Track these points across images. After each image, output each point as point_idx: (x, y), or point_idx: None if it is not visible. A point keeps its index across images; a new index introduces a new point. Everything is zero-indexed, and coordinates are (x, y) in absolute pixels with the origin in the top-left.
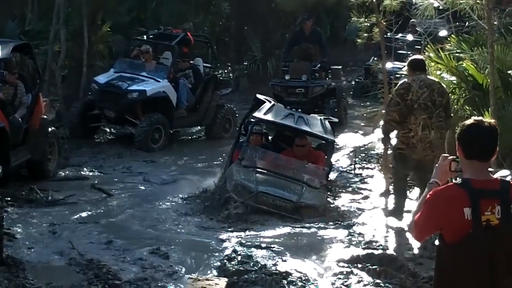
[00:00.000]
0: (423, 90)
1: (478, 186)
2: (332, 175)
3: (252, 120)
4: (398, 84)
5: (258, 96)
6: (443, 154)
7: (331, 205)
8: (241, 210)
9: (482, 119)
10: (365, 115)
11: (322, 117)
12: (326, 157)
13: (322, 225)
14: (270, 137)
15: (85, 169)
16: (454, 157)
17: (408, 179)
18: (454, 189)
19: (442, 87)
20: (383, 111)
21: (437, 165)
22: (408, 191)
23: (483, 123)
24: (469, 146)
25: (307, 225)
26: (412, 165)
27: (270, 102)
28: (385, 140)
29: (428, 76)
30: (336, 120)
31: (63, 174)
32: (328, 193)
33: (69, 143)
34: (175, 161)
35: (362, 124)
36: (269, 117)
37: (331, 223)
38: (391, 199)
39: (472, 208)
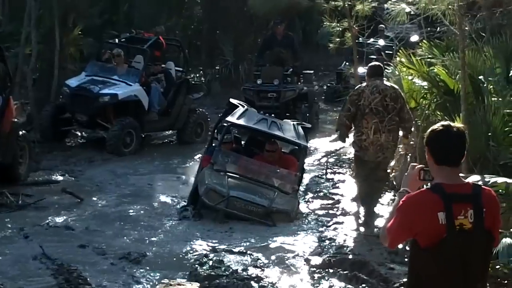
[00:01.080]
0: (375, 96)
1: (450, 191)
2: (304, 180)
3: (225, 124)
4: (353, 90)
5: (232, 100)
6: (411, 164)
7: (303, 210)
8: (213, 215)
9: (450, 123)
10: (337, 119)
11: (295, 123)
12: (298, 162)
13: (294, 230)
14: (243, 142)
15: (56, 173)
16: (423, 166)
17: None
18: (427, 195)
19: (396, 92)
20: None
21: (406, 174)
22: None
23: (452, 128)
24: (439, 151)
25: (279, 230)
26: (368, 167)
27: (243, 106)
28: (341, 139)
29: (384, 82)
30: (309, 125)
31: (34, 178)
32: (300, 198)
33: (40, 147)
34: (146, 165)
35: (334, 128)
36: (242, 121)
37: (302, 228)
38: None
39: (446, 212)
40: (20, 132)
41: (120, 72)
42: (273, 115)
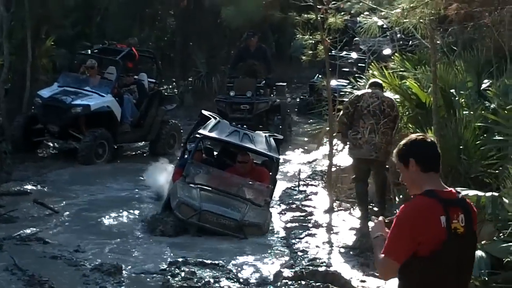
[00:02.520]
0: (374, 99)
1: (444, 196)
2: (277, 192)
3: (197, 136)
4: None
5: (204, 112)
6: (372, 216)
7: (275, 222)
8: (184, 227)
9: (425, 134)
10: (309, 132)
11: (267, 134)
12: (270, 174)
13: (266, 243)
14: (215, 153)
15: (28, 183)
16: (380, 218)
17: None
18: (426, 199)
19: (393, 102)
20: (327, 128)
21: (372, 226)
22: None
23: (428, 138)
24: (426, 159)
25: (251, 242)
26: (364, 169)
27: (215, 118)
28: (343, 140)
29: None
30: (281, 137)
31: (5, 188)
32: (272, 210)
33: (11, 158)
34: (119, 177)
35: (307, 140)
36: (214, 134)
37: (274, 240)
38: (335, 216)
39: (446, 216)
40: None
41: (93, 83)
42: (245, 126)
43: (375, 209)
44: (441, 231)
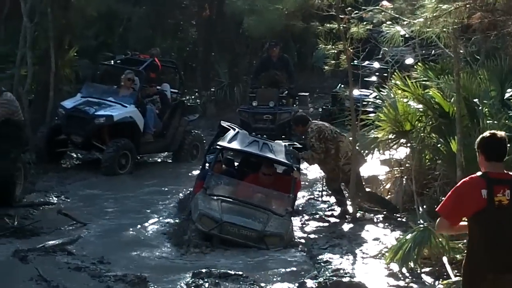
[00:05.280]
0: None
1: (493, 176)
2: (300, 202)
3: (216, 148)
4: (311, 133)
5: (222, 123)
6: None
7: (298, 233)
8: (207, 239)
9: (496, 131)
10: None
11: (286, 143)
12: (291, 183)
13: (289, 253)
14: (236, 164)
15: (51, 194)
16: None
17: None
18: (474, 177)
19: None
20: (350, 138)
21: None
22: None
23: (497, 134)
24: (488, 151)
25: (274, 253)
26: None
27: (234, 129)
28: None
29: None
30: (301, 146)
31: (29, 199)
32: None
33: (35, 168)
34: (142, 187)
35: None
36: (233, 144)
37: (297, 250)
38: (358, 226)
39: (488, 190)
40: None
41: (122, 94)
42: (265, 136)
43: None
44: (480, 200)
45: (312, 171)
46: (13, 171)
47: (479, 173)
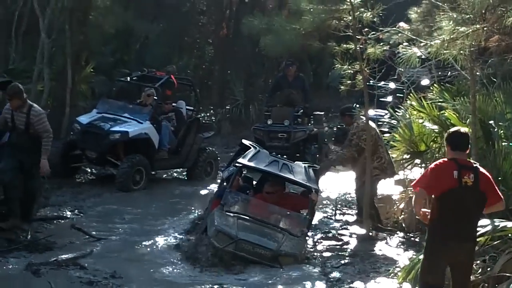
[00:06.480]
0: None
1: (461, 162)
2: (313, 221)
3: (236, 165)
4: (355, 129)
5: (244, 141)
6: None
7: (311, 251)
8: (222, 256)
9: (459, 127)
10: None
11: (306, 165)
12: (309, 204)
13: (302, 271)
14: (254, 182)
15: (65, 209)
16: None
17: None
18: (448, 161)
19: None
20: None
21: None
22: None
23: (461, 130)
24: (453, 142)
25: (287, 271)
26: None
27: (255, 148)
28: (325, 170)
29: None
30: (317, 167)
31: (43, 214)
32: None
33: (49, 183)
34: (156, 203)
35: (343, 169)
36: (253, 163)
37: (311, 269)
38: (371, 245)
39: (458, 171)
40: None
41: (144, 111)
42: (285, 156)
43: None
44: (453, 179)
45: (327, 190)
46: (40, 189)
47: (449, 157)
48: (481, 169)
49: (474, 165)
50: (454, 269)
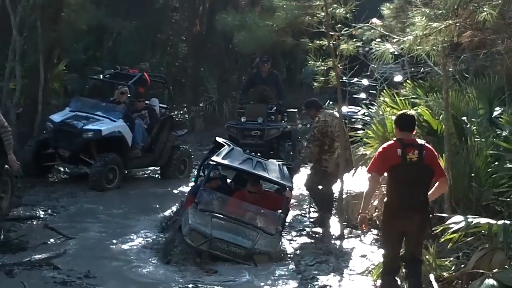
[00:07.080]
0: (336, 121)
1: (406, 141)
2: (287, 218)
3: (210, 163)
4: (316, 123)
5: (217, 139)
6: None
7: (285, 249)
8: (195, 255)
9: (406, 111)
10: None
11: (280, 163)
12: (283, 202)
13: (276, 269)
14: (228, 180)
15: (38, 208)
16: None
17: None
18: (393, 142)
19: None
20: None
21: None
22: None
23: (408, 112)
24: (401, 123)
25: (261, 269)
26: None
27: (229, 145)
28: (298, 168)
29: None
30: (291, 165)
31: (16, 213)
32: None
33: (22, 182)
34: (129, 202)
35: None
36: (227, 161)
37: (285, 267)
38: (345, 243)
39: (402, 149)
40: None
41: (118, 109)
42: (259, 154)
43: None
44: (397, 157)
45: (301, 188)
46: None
47: (396, 138)
48: (427, 145)
49: (420, 142)
50: (406, 238)
